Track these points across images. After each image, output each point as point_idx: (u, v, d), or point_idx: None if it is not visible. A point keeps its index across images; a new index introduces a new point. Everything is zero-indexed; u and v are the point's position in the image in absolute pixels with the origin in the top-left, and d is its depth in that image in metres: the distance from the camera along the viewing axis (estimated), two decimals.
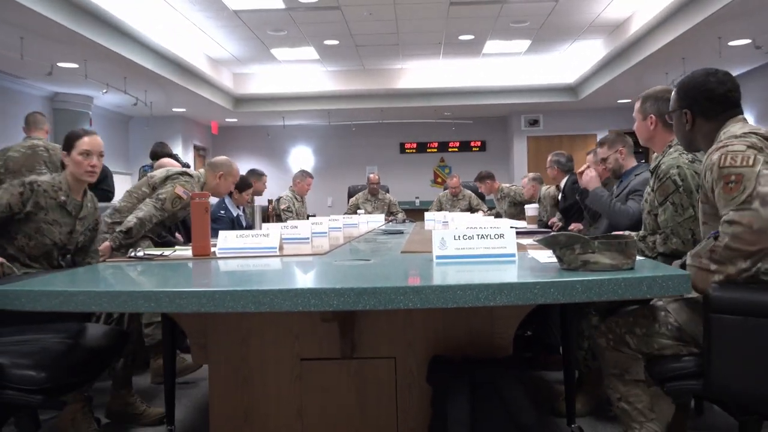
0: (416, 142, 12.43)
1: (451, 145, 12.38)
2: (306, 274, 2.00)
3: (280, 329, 2.07)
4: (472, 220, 3.68)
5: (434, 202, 8.11)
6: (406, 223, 6.09)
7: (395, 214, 7.43)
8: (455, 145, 12.38)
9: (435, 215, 4.63)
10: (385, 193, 7.97)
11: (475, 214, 5.77)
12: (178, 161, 5.00)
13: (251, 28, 7.73)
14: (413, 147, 12.46)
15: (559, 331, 2.76)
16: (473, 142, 12.37)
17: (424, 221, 4.76)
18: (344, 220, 4.17)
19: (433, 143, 12.41)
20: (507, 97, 10.45)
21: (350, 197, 8.24)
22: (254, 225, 5.22)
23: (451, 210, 7.22)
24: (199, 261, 2.28)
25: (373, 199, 7.77)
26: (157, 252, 2.48)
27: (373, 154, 12.31)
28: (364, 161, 12.22)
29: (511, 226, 2.73)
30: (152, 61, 7.39)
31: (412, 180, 12.07)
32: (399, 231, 4.07)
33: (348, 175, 11.24)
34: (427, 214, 4.86)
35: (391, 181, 9.58)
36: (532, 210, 4.64)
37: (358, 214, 5.32)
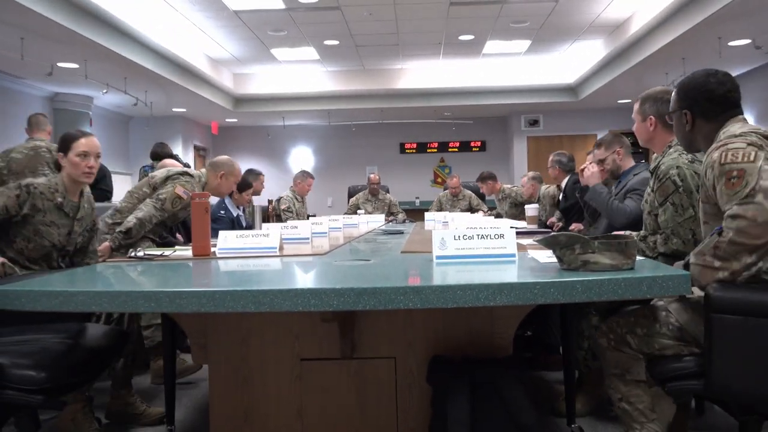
0: (416, 142, 12.43)
1: (451, 145, 12.39)
2: (306, 274, 2.00)
3: (280, 329, 2.07)
4: (472, 220, 3.68)
5: (434, 203, 8.10)
6: (406, 223, 6.09)
7: (395, 215, 7.42)
8: (455, 146, 12.38)
9: (435, 215, 4.62)
10: (386, 194, 7.93)
11: (475, 215, 5.77)
12: (178, 162, 5.00)
13: (251, 29, 7.74)
14: (413, 147, 12.46)
15: (559, 331, 2.76)
16: (473, 143, 12.37)
17: (424, 221, 4.76)
18: (344, 221, 4.15)
19: (433, 143, 12.41)
20: (507, 98, 10.46)
21: (350, 197, 8.21)
22: (254, 225, 5.23)
23: (451, 210, 7.21)
24: (199, 261, 2.28)
25: (373, 200, 7.74)
26: (157, 252, 2.48)
27: (373, 154, 12.31)
28: (364, 161, 12.23)
29: (511, 226, 2.74)
30: (152, 62, 7.39)
31: (412, 180, 12.07)
32: (399, 231, 4.07)
33: (348, 175, 11.24)
34: (427, 214, 4.86)
35: (391, 182, 9.58)
36: (532, 210, 4.64)
37: (358, 215, 5.31)
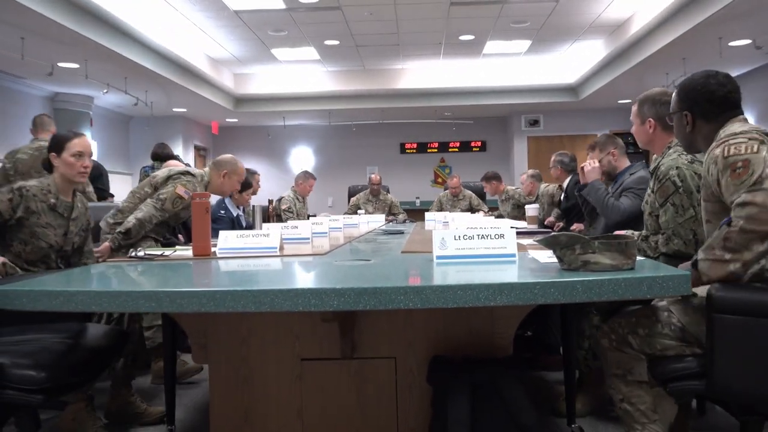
0: (416, 143, 12.43)
1: (452, 146, 12.38)
2: (306, 274, 2.00)
3: (280, 329, 2.07)
4: (473, 220, 3.68)
5: (435, 203, 8.10)
6: (407, 223, 6.09)
7: (396, 215, 7.40)
8: (455, 146, 12.38)
9: (435, 215, 4.62)
10: (387, 194, 7.89)
11: (475, 215, 5.77)
12: (180, 163, 5.00)
13: (252, 29, 7.74)
14: (413, 147, 12.46)
15: (560, 332, 2.76)
16: (473, 143, 12.37)
17: (425, 221, 4.76)
18: (344, 221, 4.14)
19: (433, 143, 12.41)
20: (507, 98, 10.45)
21: (351, 197, 8.19)
22: (254, 225, 5.22)
23: (451, 210, 7.21)
24: (200, 261, 2.28)
25: (374, 200, 7.71)
26: (157, 252, 2.48)
27: (374, 154, 12.31)
28: (365, 161, 12.23)
29: (512, 227, 2.74)
30: (153, 61, 7.39)
31: (413, 180, 12.06)
32: (399, 231, 4.07)
33: (348, 175, 11.24)
34: (428, 214, 4.85)
35: (391, 182, 9.58)
36: (533, 210, 4.64)
37: (358, 215, 5.30)
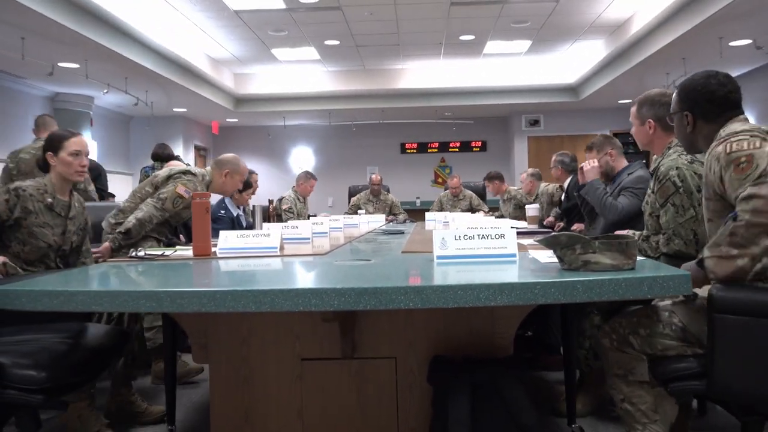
0: (417, 143, 12.43)
1: (452, 146, 12.39)
2: (307, 274, 2.00)
3: (280, 329, 2.07)
4: (473, 220, 3.68)
5: (435, 203, 8.10)
6: (407, 223, 6.09)
7: (396, 215, 7.40)
8: (456, 146, 12.38)
9: (436, 215, 4.62)
10: (387, 194, 7.86)
11: (475, 215, 5.77)
12: (181, 163, 4.99)
13: (252, 29, 7.74)
14: (414, 147, 12.46)
15: (560, 332, 2.76)
16: (474, 143, 12.37)
17: (425, 221, 4.76)
18: (345, 220, 4.15)
19: (433, 143, 12.41)
20: (508, 98, 10.46)
21: (351, 197, 8.18)
22: (255, 225, 5.22)
23: (451, 210, 7.21)
24: (200, 261, 2.28)
25: (375, 200, 7.69)
26: (157, 252, 2.48)
27: (374, 154, 12.31)
28: (365, 161, 12.23)
29: (512, 226, 2.74)
30: (153, 61, 7.39)
31: (413, 180, 12.07)
32: (400, 231, 4.06)
33: (348, 175, 11.24)
34: (428, 214, 4.85)
35: (391, 182, 9.58)
36: (533, 210, 4.64)
37: (358, 215, 5.30)
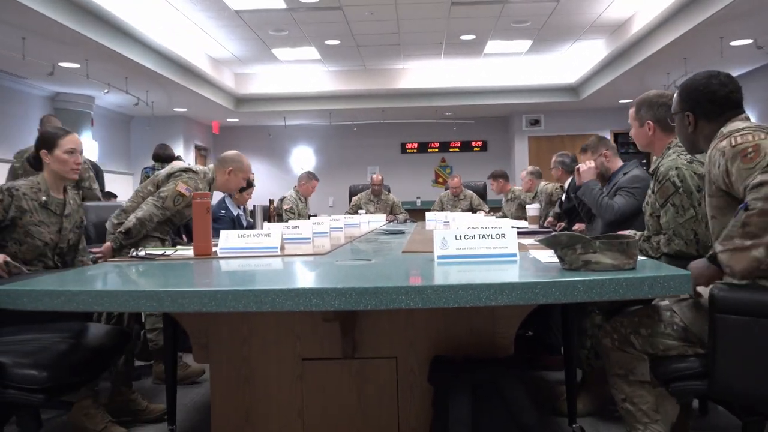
0: (417, 142, 12.43)
1: (453, 145, 12.39)
2: (307, 274, 1.99)
3: (281, 329, 2.07)
4: (474, 220, 3.68)
5: (436, 202, 8.09)
6: (408, 223, 6.08)
7: (397, 215, 7.39)
8: (456, 145, 12.38)
9: (436, 215, 4.61)
10: (388, 194, 7.86)
11: (476, 215, 5.77)
12: (182, 163, 4.99)
13: (252, 28, 7.74)
14: (414, 147, 12.46)
15: (560, 331, 2.76)
16: (474, 142, 12.37)
17: (426, 221, 4.75)
18: (345, 220, 4.15)
19: (434, 143, 12.41)
20: (508, 97, 10.45)
21: (351, 197, 8.17)
22: (256, 224, 5.22)
23: (452, 210, 7.21)
24: (201, 261, 2.28)
25: (375, 200, 7.68)
26: (158, 252, 2.48)
27: (375, 154, 12.31)
28: (366, 161, 12.23)
29: (512, 226, 2.74)
30: (154, 61, 7.39)
31: (414, 180, 12.07)
32: (400, 231, 4.06)
33: (349, 175, 11.24)
34: (429, 214, 4.84)
35: (392, 181, 9.58)
36: (534, 210, 4.64)
37: (359, 214, 5.30)
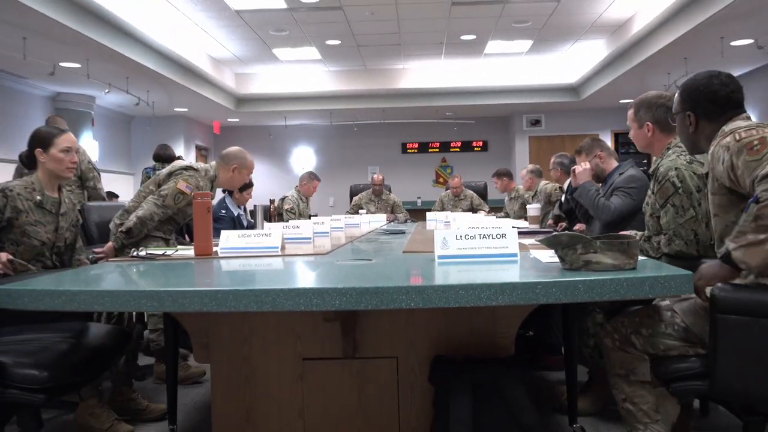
0: (418, 142, 12.43)
1: (453, 145, 12.39)
2: (308, 274, 1.99)
3: (282, 329, 2.07)
4: (474, 220, 3.68)
5: (436, 202, 8.09)
6: (408, 222, 6.08)
7: (397, 215, 7.38)
8: (457, 145, 12.38)
9: (437, 215, 4.61)
10: (389, 194, 7.85)
11: (476, 214, 5.76)
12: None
13: (253, 28, 7.74)
14: (415, 147, 12.46)
15: (561, 331, 2.76)
16: (475, 142, 12.37)
17: (426, 221, 4.75)
18: (346, 220, 4.15)
19: (434, 143, 12.41)
20: (509, 97, 10.45)
21: (352, 197, 8.17)
22: (256, 224, 5.22)
23: (453, 210, 7.20)
24: (202, 260, 2.28)
25: (376, 200, 7.68)
26: (159, 251, 2.48)
27: (375, 154, 12.31)
28: (366, 161, 12.23)
29: (513, 226, 2.74)
30: (154, 61, 7.40)
31: (414, 180, 12.07)
32: (401, 231, 4.06)
33: (350, 175, 11.23)
34: (429, 213, 4.84)
35: (392, 181, 9.57)
36: (534, 210, 4.64)
37: (360, 214, 5.30)
